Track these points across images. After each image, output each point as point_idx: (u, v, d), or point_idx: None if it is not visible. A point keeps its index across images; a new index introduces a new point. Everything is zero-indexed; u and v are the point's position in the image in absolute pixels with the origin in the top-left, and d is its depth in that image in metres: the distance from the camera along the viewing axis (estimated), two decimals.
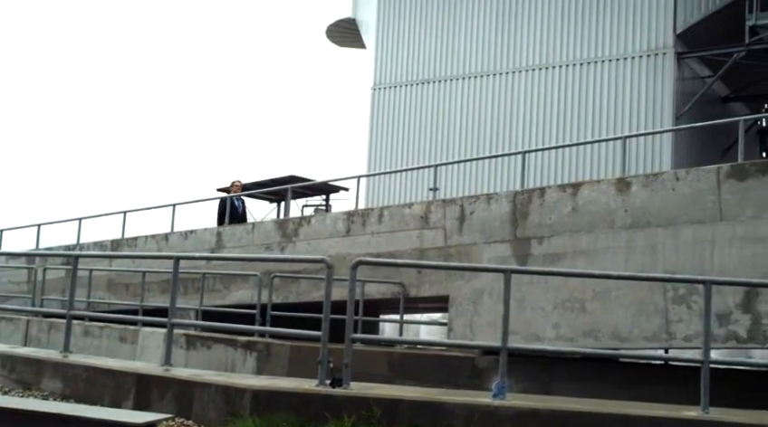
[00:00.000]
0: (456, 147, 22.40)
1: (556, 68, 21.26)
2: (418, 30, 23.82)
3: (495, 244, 10.12)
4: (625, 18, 20.36)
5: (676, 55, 19.79)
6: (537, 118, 21.40)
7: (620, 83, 20.37)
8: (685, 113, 20.03)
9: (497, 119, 21.99)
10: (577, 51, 21.00)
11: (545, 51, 21.47)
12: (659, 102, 19.88)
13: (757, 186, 8.51)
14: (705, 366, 5.40)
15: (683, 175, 9.01)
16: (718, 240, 8.65)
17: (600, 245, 9.37)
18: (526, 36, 21.79)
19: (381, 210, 11.25)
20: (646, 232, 9.09)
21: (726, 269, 8.59)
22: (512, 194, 10.08)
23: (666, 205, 9.00)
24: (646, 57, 20.09)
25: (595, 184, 9.60)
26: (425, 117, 23.32)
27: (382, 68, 24.51)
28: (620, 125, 20.23)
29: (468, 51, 22.75)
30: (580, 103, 20.84)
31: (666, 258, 8.95)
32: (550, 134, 21.18)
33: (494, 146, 21.80)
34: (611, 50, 20.53)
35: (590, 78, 20.76)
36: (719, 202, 8.70)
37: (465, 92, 22.67)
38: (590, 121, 20.65)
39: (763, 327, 8.34)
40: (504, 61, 22.08)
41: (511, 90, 21.88)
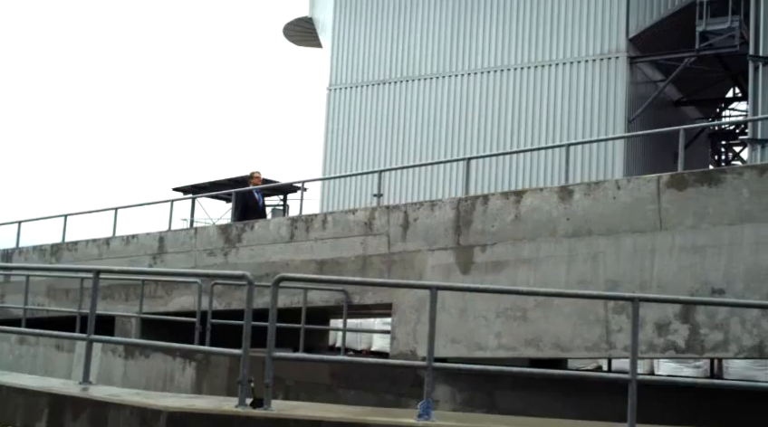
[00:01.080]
0: (412, 150, 22.31)
1: (511, 70, 21.27)
2: (374, 30, 23.68)
3: (439, 252, 10.00)
4: (579, 22, 20.45)
5: (628, 59, 19.94)
6: (492, 120, 21.41)
7: (574, 86, 20.45)
8: (637, 117, 20.18)
9: (453, 121, 21.95)
10: (531, 53, 21.04)
11: (500, 53, 21.47)
12: (612, 106, 20.00)
13: (696, 196, 8.49)
14: (633, 385, 5.32)
15: (624, 184, 8.97)
16: (658, 249, 8.62)
17: (542, 254, 9.29)
18: (481, 38, 21.78)
19: (325, 216, 11.07)
20: (587, 241, 9.03)
21: (666, 278, 8.57)
22: (455, 201, 9.96)
23: (607, 214, 8.95)
24: (599, 61, 20.19)
25: (538, 191, 9.52)
26: (380, 118, 23.20)
27: (338, 68, 24.33)
28: (574, 128, 20.33)
29: (424, 52, 22.67)
30: (534, 106, 20.88)
31: (607, 267, 8.90)
32: (504, 136, 21.19)
33: (451, 148, 21.76)
34: (565, 53, 20.60)
35: (544, 81, 20.81)
36: (659, 211, 8.67)
37: (421, 94, 22.59)
38: (543, 124, 20.70)
39: (700, 337, 8.33)
40: (460, 63, 22.05)
41: (466, 92, 21.86)
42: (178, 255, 12.36)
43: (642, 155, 20.27)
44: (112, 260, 12.88)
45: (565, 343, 9.05)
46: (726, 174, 8.43)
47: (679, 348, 8.46)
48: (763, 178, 8.20)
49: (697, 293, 8.40)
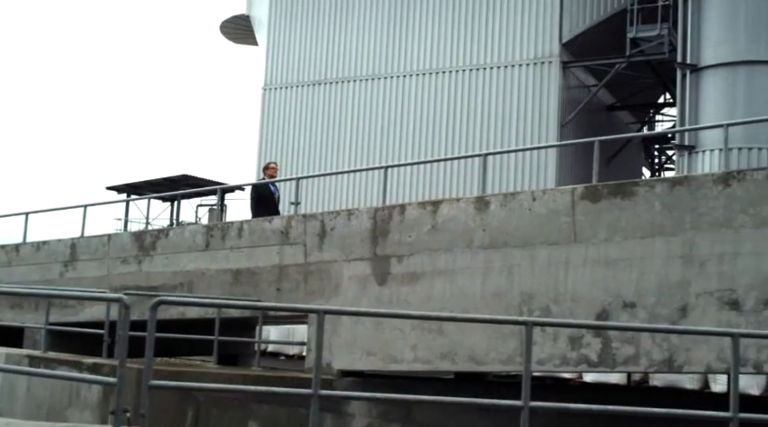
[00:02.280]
0: (347, 153, 22.06)
1: (446, 73, 21.19)
2: (310, 30, 23.36)
3: (356, 262, 9.78)
4: (513, 26, 20.46)
5: (561, 64, 20.00)
6: (427, 123, 21.30)
7: (508, 90, 20.46)
8: (570, 121, 20.26)
9: (389, 124, 21.78)
10: (466, 56, 20.99)
11: (435, 55, 21.38)
12: (545, 110, 20.06)
13: (609, 209, 8.43)
14: (525, 411, 5.17)
15: (539, 195, 8.87)
16: (572, 262, 8.54)
17: (458, 265, 9.14)
18: (417, 40, 21.64)
19: (241, 224, 10.76)
20: (503, 253, 8.91)
21: (579, 291, 8.50)
22: (372, 211, 9.75)
23: (522, 226, 8.84)
24: (533, 65, 20.23)
25: (454, 202, 9.37)
26: (315, 120, 22.89)
27: (273, 68, 23.95)
28: (508, 131, 20.33)
29: (360, 53, 22.45)
30: (469, 109, 20.84)
31: (522, 279, 8.80)
32: (439, 139, 21.10)
33: (386, 151, 21.58)
34: (500, 57, 20.59)
35: (478, 84, 20.78)
36: (573, 223, 8.59)
37: (357, 95, 22.36)
38: (478, 127, 20.67)
39: (612, 350, 8.27)
40: (396, 65, 21.89)
41: (402, 95, 21.70)
42: (90, 263, 11.90)
43: (574, 160, 20.36)
44: (22, 268, 12.35)
45: (480, 356, 8.92)
46: (639, 186, 8.38)
47: (592, 362, 8.39)
48: (674, 192, 8.18)
49: (610, 306, 8.35)
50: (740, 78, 17.46)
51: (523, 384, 5.28)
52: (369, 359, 9.52)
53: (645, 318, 8.17)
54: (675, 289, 8.05)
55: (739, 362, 5.50)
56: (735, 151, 17.48)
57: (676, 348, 7.99)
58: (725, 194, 7.93)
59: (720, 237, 7.89)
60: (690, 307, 7.98)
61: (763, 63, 17.31)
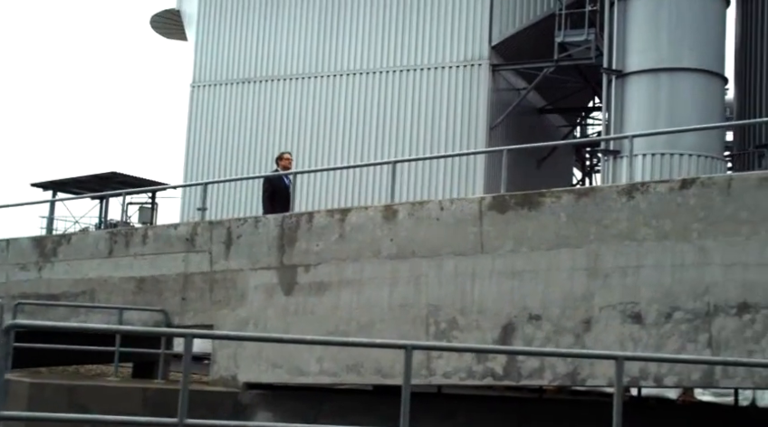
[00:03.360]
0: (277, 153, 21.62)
1: (377, 73, 20.98)
2: (240, 26, 22.88)
3: (262, 271, 9.48)
4: (443, 27, 20.34)
5: (491, 67, 19.95)
6: (358, 123, 21.06)
7: (438, 92, 20.34)
8: (499, 124, 20.23)
9: (318, 123, 21.45)
10: (397, 57, 20.81)
11: (367, 55, 21.14)
12: (475, 112, 19.99)
13: (516, 219, 8.31)
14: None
15: (447, 205, 8.70)
16: (479, 273, 8.40)
17: (365, 275, 8.92)
18: (348, 40, 21.37)
19: (146, 230, 10.37)
20: (410, 263, 8.72)
21: (486, 303, 8.36)
22: (280, 218, 9.47)
23: (430, 235, 8.66)
24: (462, 67, 20.14)
25: (363, 210, 9.15)
26: (245, 119, 22.43)
27: (202, 64, 23.40)
28: (437, 133, 20.22)
29: (291, 51, 22.07)
30: (399, 110, 20.66)
31: (429, 290, 8.62)
32: (369, 139, 20.89)
33: (315, 152, 21.25)
34: (430, 58, 20.47)
35: (408, 85, 20.61)
36: (481, 234, 8.44)
37: (287, 94, 21.97)
38: (408, 128, 20.51)
39: (518, 363, 8.15)
40: (327, 64, 21.59)
41: (332, 94, 21.41)
42: None
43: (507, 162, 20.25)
44: None
45: (386, 369, 8.72)
46: (545, 197, 8.28)
47: (497, 375, 8.26)
48: (580, 203, 8.09)
49: (516, 318, 8.23)
50: (663, 84, 17.64)
51: (402, 407, 5.07)
52: (276, 372, 9.24)
53: (550, 331, 8.07)
54: (579, 301, 7.97)
55: (622, 383, 5.40)
56: (659, 157, 17.69)
57: (579, 362, 7.91)
58: (629, 206, 7.87)
59: (624, 249, 7.83)
60: (594, 319, 7.91)
61: (684, 70, 17.52)
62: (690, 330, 7.53)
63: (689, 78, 17.70)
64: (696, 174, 17.54)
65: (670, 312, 7.62)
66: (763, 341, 7.30)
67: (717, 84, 18.20)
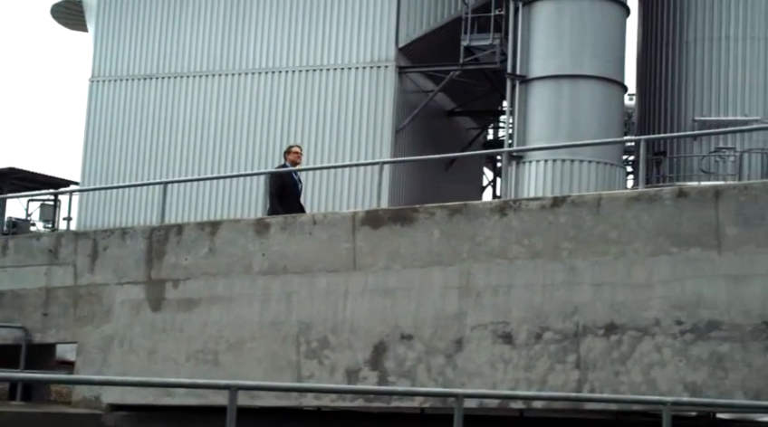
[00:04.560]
0: (179, 154, 20.93)
1: (282, 73, 20.50)
2: (142, 19, 22.01)
3: (129, 286, 8.98)
4: (350, 28, 20.00)
5: (397, 69, 19.70)
6: (262, 123, 20.55)
7: (344, 93, 20.00)
8: (406, 126, 20.03)
9: (222, 123, 20.83)
10: (303, 57, 20.37)
11: (272, 54, 20.64)
12: (381, 115, 19.72)
13: (389, 235, 8.06)
14: None
15: (320, 219, 8.39)
16: (351, 290, 8.12)
17: (236, 291, 8.54)
18: (254, 37, 20.81)
19: (6, 240, 9.72)
20: (282, 279, 8.38)
21: (358, 321, 8.09)
22: (148, 230, 8.99)
23: (302, 251, 8.34)
24: (369, 68, 19.85)
25: (234, 223, 8.76)
26: (145, 116, 21.59)
27: (102, 58, 22.43)
28: (343, 134, 19.89)
29: (194, 47, 21.36)
30: (304, 110, 20.24)
31: (300, 307, 8.29)
32: (274, 139, 20.40)
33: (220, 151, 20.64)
34: (336, 59, 20.10)
35: (314, 85, 20.21)
36: (354, 250, 8.16)
37: (189, 92, 21.26)
38: (313, 129, 20.11)
39: (389, 383, 7.91)
40: (231, 62, 20.98)
41: (236, 93, 20.81)
42: None
43: (412, 167, 20.08)
44: None
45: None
46: (419, 213, 8.05)
47: (368, 397, 8.00)
48: (453, 220, 7.89)
49: (388, 338, 7.99)
50: (564, 91, 17.75)
51: None
52: (141, 392, 8.75)
53: (422, 351, 7.86)
54: (451, 320, 7.78)
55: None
56: (560, 163, 17.80)
57: (451, 383, 7.72)
58: (502, 224, 7.72)
59: (496, 268, 7.68)
60: (466, 339, 7.73)
61: (585, 77, 17.67)
62: (559, 351, 7.42)
63: (590, 85, 17.86)
64: (596, 180, 17.75)
65: (540, 332, 7.50)
66: (629, 362, 7.24)
67: (617, 91, 18.42)
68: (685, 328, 7.10)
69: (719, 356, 6.99)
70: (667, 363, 7.12)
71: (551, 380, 7.40)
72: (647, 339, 7.18)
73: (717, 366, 6.99)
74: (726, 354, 6.97)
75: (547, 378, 7.41)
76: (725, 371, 6.96)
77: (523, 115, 18.25)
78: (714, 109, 19.14)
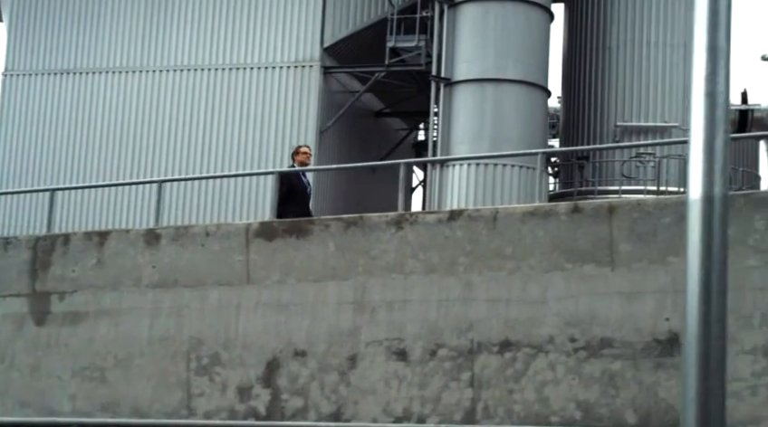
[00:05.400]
0: (97, 152, 20.24)
1: (204, 70, 20.03)
2: (59, 12, 21.25)
3: (11, 298, 8.51)
4: (274, 26, 19.65)
5: (322, 69, 19.43)
6: (183, 122, 20.05)
7: (268, 92, 19.65)
8: (330, 127, 19.77)
9: (141, 121, 20.24)
10: (226, 54, 19.94)
11: (194, 51, 20.15)
12: (305, 115, 19.43)
13: (284, 248, 7.78)
14: None
15: (213, 230, 8.06)
16: (244, 304, 7.82)
17: (125, 305, 8.15)
18: (176, 33, 20.29)
19: None
20: (173, 293, 8.03)
21: (250, 337, 7.79)
22: (33, 240, 8.53)
23: (194, 264, 8.00)
24: (293, 68, 19.53)
25: (124, 233, 8.37)
26: (61, 113, 20.84)
27: (16, 51, 21.57)
28: (266, 135, 19.54)
29: (113, 42, 20.71)
30: (227, 109, 19.83)
31: (192, 322, 7.95)
32: (196, 138, 19.95)
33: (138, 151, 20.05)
34: (260, 57, 19.73)
35: (237, 84, 19.80)
36: (247, 263, 7.86)
37: (108, 88, 20.61)
38: (236, 128, 19.70)
39: (281, 402, 7.64)
40: (151, 58, 20.41)
41: (156, 91, 20.25)
42: None
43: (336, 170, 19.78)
44: None
45: (144, 408, 8.00)
46: (314, 225, 7.80)
47: (260, 415, 7.71)
48: (349, 233, 7.66)
49: (281, 354, 7.71)
50: (488, 94, 17.74)
51: None
52: (24, 411, 8.31)
53: (315, 368, 7.60)
54: (346, 336, 7.54)
55: None
56: (483, 167, 17.77)
57: (344, 401, 7.49)
58: (398, 237, 7.51)
59: (391, 283, 7.47)
60: (360, 356, 7.50)
61: (509, 82, 17.67)
62: (454, 368, 7.26)
63: (513, 89, 17.89)
64: (519, 184, 17.77)
65: (435, 349, 7.32)
66: (523, 380, 7.11)
67: (541, 96, 18.50)
68: (578, 346, 7.00)
69: (611, 374, 6.92)
70: (560, 381, 7.01)
71: (445, 398, 7.23)
72: (540, 357, 7.06)
73: (609, 384, 6.91)
74: (618, 372, 6.89)
75: (441, 396, 7.24)
76: (617, 389, 6.88)
77: (447, 117, 18.20)
78: (635, 115, 19.39)
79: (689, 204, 3.06)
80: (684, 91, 19.36)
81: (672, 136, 19.07)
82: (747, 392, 6.61)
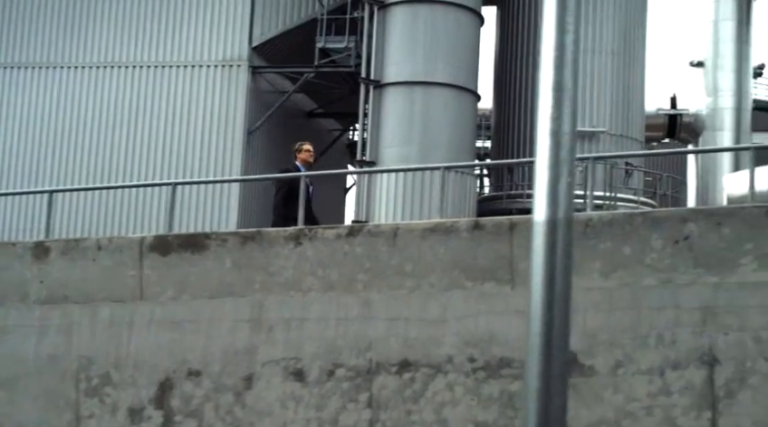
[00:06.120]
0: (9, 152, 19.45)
1: (128, 68, 19.41)
2: None
3: None
4: (201, 24, 19.14)
5: (250, 68, 19.01)
6: (107, 120, 19.40)
7: (194, 91, 19.15)
8: (258, 128, 19.38)
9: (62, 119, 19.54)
10: (151, 52, 19.35)
11: (117, 48, 19.50)
12: (232, 116, 18.99)
13: (179, 263, 7.48)
14: None
15: (105, 244, 7.71)
16: (137, 322, 7.49)
17: (11, 322, 7.75)
18: (98, 29, 19.60)
19: None
20: (62, 309, 7.66)
21: (143, 356, 7.47)
22: None
23: (85, 279, 7.64)
24: (221, 67, 19.08)
25: (10, 246, 7.97)
26: None
27: None
28: (192, 135, 19.03)
29: (33, 37, 19.92)
30: (152, 108, 19.24)
31: (81, 340, 7.60)
32: (120, 138, 19.32)
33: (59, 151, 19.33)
34: (186, 56, 19.21)
35: (163, 82, 19.25)
36: (141, 278, 7.53)
37: (27, 85, 19.83)
38: (161, 128, 19.15)
39: (174, 424, 7.34)
40: (73, 54, 19.69)
41: (78, 88, 19.57)
42: None
43: (267, 167, 19.39)
44: None
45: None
46: (211, 240, 7.50)
47: None
48: (246, 248, 7.39)
49: (174, 374, 7.41)
50: (417, 97, 17.58)
51: None
52: None
53: (210, 388, 7.32)
54: (242, 356, 7.28)
55: None
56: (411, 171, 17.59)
57: (240, 422, 7.23)
58: (296, 253, 7.27)
59: (289, 300, 7.23)
60: (256, 376, 7.25)
61: (438, 85, 17.54)
62: (352, 389, 7.06)
63: (443, 92, 17.75)
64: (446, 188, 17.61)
65: (333, 369, 7.11)
66: (422, 401, 6.95)
67: (470, 100, 18.42)
68: (477, 366, 6.87)
69: (510, 395, 6.80)
70: (459, 401, 6.87)
71: (342, 420, 7.02)
72: (439, 377, 6.91)
73: (508, 405, 6.79)
74: (517, 392, 6.77)
75: (338, 418, 7.04)
76: (515, 410, 6.77)
77: (377, 120, 17.98)
78: None
79: (534, 226, 2.94)
80: (612, 97, 19.55)
81: (600, 141, 19.23)
82: (643, 412, 6.56)
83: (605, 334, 6.66)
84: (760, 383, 6.33)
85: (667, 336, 6.54)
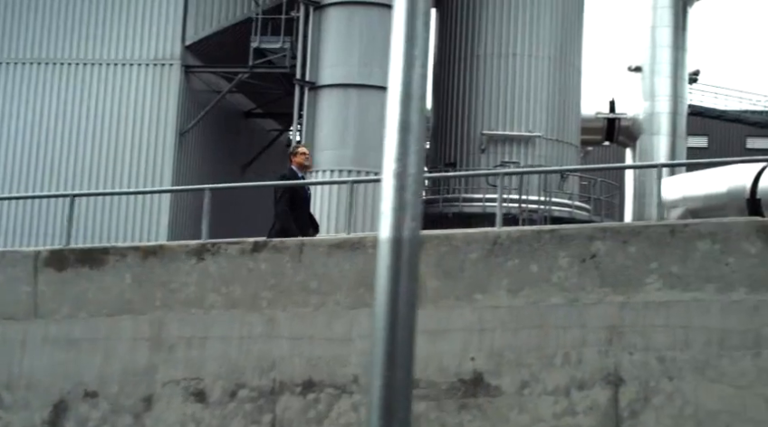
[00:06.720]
0: None
1: (56, 64, 18.79)
2: None
3: None
4: (134, 22, 18.63)
5: (183, 67, 18.58)
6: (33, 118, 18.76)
7: (125, 90, 18.64)
8: (193, 127, 18.96)
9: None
10: (81, 49, 18.78)
11: (46, 44, 18.88)
12: (164, 115, 18.53)
13: (76, 279, 7.15)
14: None
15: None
16: (30, 340, 7.15)
17: None
18: (27, 25, 18.94)
19: None
20: None
21: (37, 376, 7.13)
22: None
23: None
24: (152, 66, 18.59)
25: None
26: None
27: None
28: (123, 135, 18.54)
29: None
30: (81, 107, 18.66)
31: None
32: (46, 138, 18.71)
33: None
34: (117, 53, 18.69)
35: (93, 80, 18.70)
36: (35, 294, 7.18)
37: None
38: (90, 128, 18.60)
39: None
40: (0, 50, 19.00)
41: (3, 84, 18.88)
42: None
43: (199, 174, 18.93)
44: None
45: None
46: (110, 254, 7.19)
47: None
48: (147, 263, 7.10)
49: (69, 395, 7.08)
50: (352, 100, 17.36)
51: None
52: None
53: (107, 410, 7.02)
54: (141, 376, 6.99)
55: None
56: (346, 174, 17.37)
57: None
58: (199, 269, 7.01)
59: (190, 318, 6.96)
60: (156, 397, 6.97)
61: (373, 88, 17.34)
62: (254, 410, 6.82)
63: (378, 95, 17.54)
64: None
65: (235, 390, 6.86)
66: (326, 422, 6.75)
67: None
68: None
69: (415, 416, 6.63)
70: (363, 422, 6.68)
71: None
72: (344, 398, 6.72)
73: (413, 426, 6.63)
74: (422, 413, 6.63)
75: None
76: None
77: (312, 122, 17.73)
78: (501, 124, 19.45)
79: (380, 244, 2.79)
80: (548, 102, 19.60)
81: (536, 145, 19.26)
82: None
83: (512, 353, 6.55)
84: (663, 402, 6.28)
85: (573, 355, 6.46)
